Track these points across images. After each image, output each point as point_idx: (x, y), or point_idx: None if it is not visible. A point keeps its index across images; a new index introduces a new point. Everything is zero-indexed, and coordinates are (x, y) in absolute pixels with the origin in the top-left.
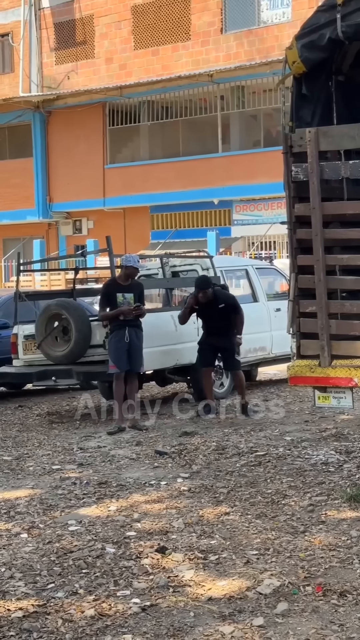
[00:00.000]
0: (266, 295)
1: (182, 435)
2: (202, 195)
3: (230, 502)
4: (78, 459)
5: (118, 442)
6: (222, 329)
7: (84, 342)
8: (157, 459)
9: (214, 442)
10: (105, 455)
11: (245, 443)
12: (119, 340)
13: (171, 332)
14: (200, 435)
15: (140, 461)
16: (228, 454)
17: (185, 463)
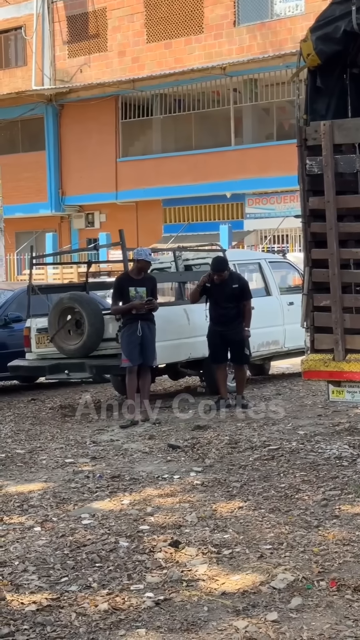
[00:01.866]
0: (279, 289)
1: (195, 429)
2: (214, 189)
3: (244, 496)
4: (91, 453)
5: (131, 435)
6: (230, 316)
7: (97, 335)
8: (169, 452)
9: (227, 436)
10: (118, 448)
11: (258, 437)
12: (131, 334)
13: (184, 326)
14: (213, 429)
15: (153, 455)
16: (241, 448)
17: (198, 457)
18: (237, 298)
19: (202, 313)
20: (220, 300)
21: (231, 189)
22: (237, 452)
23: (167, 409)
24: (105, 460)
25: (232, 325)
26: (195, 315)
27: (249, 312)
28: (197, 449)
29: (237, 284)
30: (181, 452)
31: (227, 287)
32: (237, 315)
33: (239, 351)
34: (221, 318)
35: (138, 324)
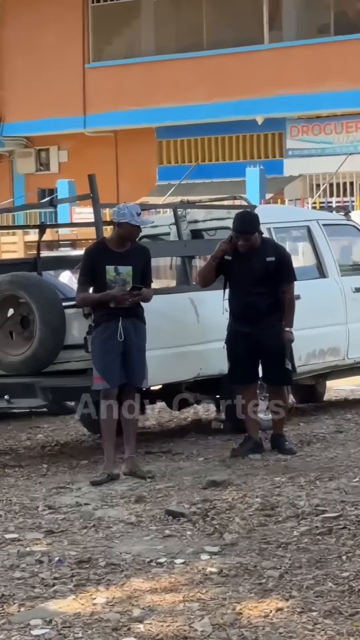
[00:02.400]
0: (339, 268)
1: (209, 487)
2: (237, 111)
3: (284, 592)
4: (45, 524)
5: (108, 497)
6: (262, 308)
7: (54, 340)
8: (169, 523)
9: (258, 498)
10: (88, 517)
11: (307, 499)
12: (108, 338)
13: (190, 326)
14: (237, 487)
15: (142, 527)
16: (280, 516)
17: (214, 530)
18: (274, 279)
19: (218, 304)
20: (247, 282)
21: (264, 111)
22: (273, 522)
23: (165, 455)
24: (67, 535)
25: (265, 324)
26: (209, 308)
27: (291, 302)
28: (212, 517)
29: (274, 256)
30: (187, 522)
31: (258, 262)
32: (272, 308)
33: (276, 365)
34: (248, 312)
35: (119, 324)
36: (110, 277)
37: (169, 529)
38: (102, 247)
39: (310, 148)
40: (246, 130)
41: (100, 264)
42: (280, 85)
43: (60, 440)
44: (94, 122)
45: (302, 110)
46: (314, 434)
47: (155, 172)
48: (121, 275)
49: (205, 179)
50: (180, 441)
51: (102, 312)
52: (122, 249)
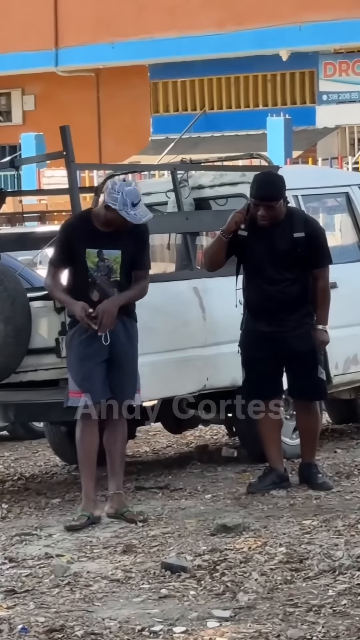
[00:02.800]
0: None
1: (218, 533)
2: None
3: None
4: (5, 581)
5: (87, 546)
6: (287, 299)
7: (16, 343)
8: (166, 580)
9: (282, 547)
10: (62, 573)
11: (345, 548)
12: (89, 340)
13: (194, 323)
14: (255, 533)
15: (132, 586)
16: (311, 570)
17: (224, 589)
18: (303, 262)
19: (231, 295)
20: (268, 265)
21: (290, 42)
22: (302, 579)
23: (162, 491)
24: (34, 596)
25: (290, 321)
26: (218, 299)
27: (325, 292)
28: (223, 572)
29: (303, 231)
30: (189, 579)
31: (283, 239)
32: (300, 300)
33: (306, 374)
34: (269, 305)
35: None
36: (92, 264)
37: (167, 588)
38: (85, 222)
39: (351, 91)
40: (267, 69)
41: (80, 244)
42: (311, 10)
43: (25, 472)
44: (69, 57)
45: (339, 42)
46: (355, 464)
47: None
48: (106, 261)
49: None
50: (181, 473)
51: None
52: (109, 228)
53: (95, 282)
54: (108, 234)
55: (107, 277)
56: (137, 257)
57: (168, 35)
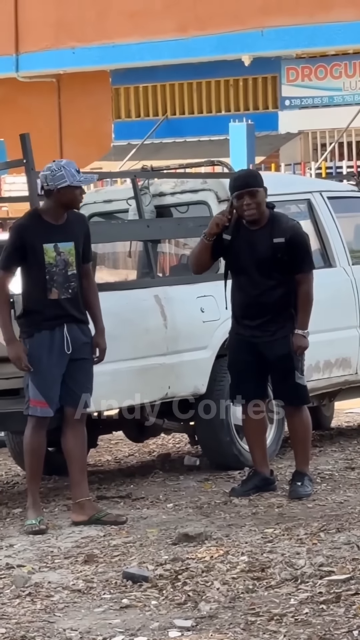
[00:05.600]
0: (350, 255)
1: (180, 542)
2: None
3: None
4: None
5: (47, 556)
6: (270, 305)
7: None
8: (127, 590)
9: (245, 556)
10: (22, 583)
11: (307, 557)
12: (52, 349)
13: (155, 330)
14: (217, 542)
15: (93, 596)
16: (273, 579)
17: (186, 599)
18: (284, 266)
19: (192, 302)
20: (251, 270)
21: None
22: (264, 587)
23: (123, 500)
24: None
25: (271, 326)
26: (180, 307)
27: (306, 297)
28: (184, 582)
29: (283, 236)
30: (151, 588)
31: (264, 243)
32: (283, 304)
33: (284, 379)
34: (252, 311)
35: (64, 329)
36: (50, 259)
37: (128, 598)
38: (36, 219)
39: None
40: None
41: (36, 242)
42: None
43: None
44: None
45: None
46: (317, 472)
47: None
48: (62, 255)
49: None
50: (144, 482)
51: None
52: (60, 220)
53: (53, 278)
54: (60, 227)
55: (65, 272)
56: (84, 249)
57: (129, 41)
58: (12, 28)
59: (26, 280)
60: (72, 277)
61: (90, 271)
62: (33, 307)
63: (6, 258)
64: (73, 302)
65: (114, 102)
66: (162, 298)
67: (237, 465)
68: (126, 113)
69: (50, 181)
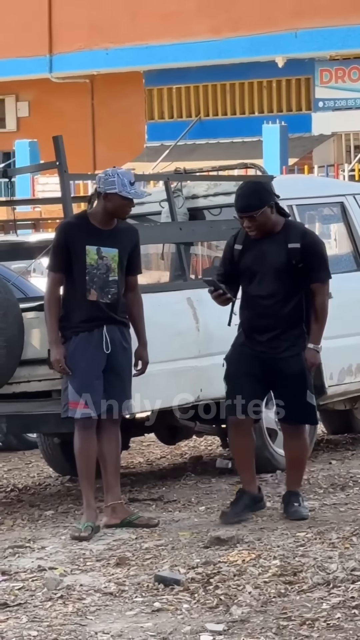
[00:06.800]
0: None
1: (212, 546)
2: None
3: None
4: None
5: (80, 559)
6: (280, 318)
7: (9, 354)
8: (159, 593)
9: (277, 560)
10: (54, 586)
11: (340, 561)
12: (91, 350)
13: (188, 333)
14: (249, 546)
15: (125, 599)
16: (305, 583)
17: (218, 602)
18: (299, 275)
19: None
20: (262, 278)
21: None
22: (296, 592)
23: (155, 503)
24: (26, 609)
25: (283, 341)
26: (213, 310)
27: (322, 309)
28: (216, 585)
29: (300, 242)
30: (183, 592)
31: (278, 250)
32: (295, 317)
33: (294, 398)
34: (262, 323)
35: (103, 330)
36: (92, 261)
37: (160, 601)
38: (82, 221)
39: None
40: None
41: (78, 242)
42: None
43: (18, 484)
44: (63, 64)
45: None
46: (350, 475)
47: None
48: (105, 259)
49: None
50: (175, 485)
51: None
52: (107, 226)
53: (93, 280)
54: (106, 233)
55: (106, 276)
56: (131, 261)
57: (163, 42)
58: (45, 29)
59: (67, 282)
60: (113, 283)
61: (136, 284)
62: (72, 309)
63: (53, 258)
64: (112, 307)
65: (147, 103)
66: (194, 301)
67: (269, 468)
68: (159, 114)
69: (101, 184)
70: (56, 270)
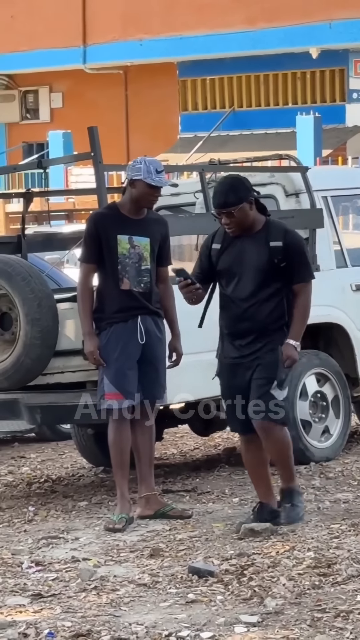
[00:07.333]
0: None
1: (246, 537)
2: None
3: None
4: (32, 585)
5: (113, 550)
6: (260, 317)
7: (43, 344)
8: (193, 585)
9: (311, 552)
10: (88, 577)
11: None
12: (126, 341)
13: None
14: (283, 538)
15: (159, 590)
16: (339, 575)
17: (252, 594)
18: (281, 274)
19: None
20: (242, 278)
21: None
22: (330, 584)
23: (189, 494)
24: (60, 600)
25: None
26: None
27: (304, 309)
28: (250, 577)
29: (282, 240)
30: (217, 583)
31: (260, 248)
32: (275, 318)
33: (257, 390)
34: (243, 325)
35: (137, 320)
36: (124, 250)
37: (194, 593)
38: (113, 211)
39: None
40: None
41: (110, 232)
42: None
43: (52, 475)
44: (97, 55)
45: None
46: None
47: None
48: (137, 248)
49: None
50: (209, 476)
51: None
52: (138, 216)
53: (125, 269)
54: (136, 222)
55: (138, 265)
56: (162, 252)
57: (197, 33)
58: (79, 20)
59: (100, 272)
60: (145, 272)
61: (167, 275)
62: (106, 300)
63: (85, 249)
64: (146, 296)
65: (181, 94)
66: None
67: (303, 460)
68: (193, 105)
69: (129, 171)
70: (88, 261)
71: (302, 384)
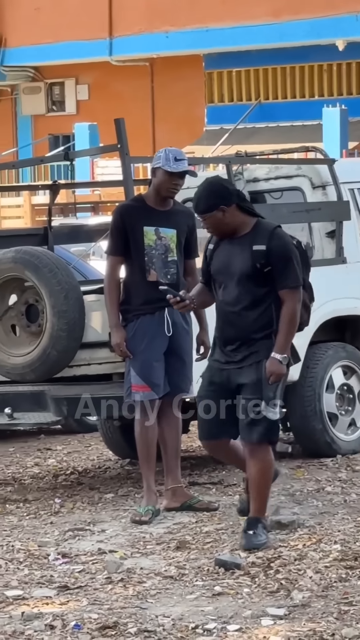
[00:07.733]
0: None
1: (272, 530)
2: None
3: None
4: (58, 577)
5: (140, 542)
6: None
7: (70, 336)
8: (220, 577)
9: (338, 544)
10: (115, 569)
11: None
12: (153, 333)
13: None
14: (310, 530)
15: (185, 583)
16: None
17: (279, 587)
18: (266, 279)
19: None
20: (228, 281)
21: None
22: (357, 577)
23: (215, 487)
24: (87, 592)
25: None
26: None
27: (290, 317)
28: (277, 570)
29: (264, 243)
30: (243, 576)
31: (243, 252)
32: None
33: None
34: (231, 331)
35: (164, 312)
36: (150, 242)
37: (220, 585)
38: (139, 203)
39: None
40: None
41: (136, 224)
42: None
43: (78, 467)
44: (123, 47)
45: None
46: None
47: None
48: (163, 240)
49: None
50: (235, 469)
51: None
52: (163, 207)
53: (152, 260)
54: (163, 213)
55: (165, 257)
56: (188, 244)
57: (223, 25)
58: (106, 12)
59: (127, 264)
60: (172, 264)
61: (195, 267)
62: (132, 292)
63: (111, 241)
64: (173, 288)
65: (207, 86)
66: None
67: (329, 452)
68: (219, 97)
69: (153, 161)
70: (115, 253)
71: (328, 376)
